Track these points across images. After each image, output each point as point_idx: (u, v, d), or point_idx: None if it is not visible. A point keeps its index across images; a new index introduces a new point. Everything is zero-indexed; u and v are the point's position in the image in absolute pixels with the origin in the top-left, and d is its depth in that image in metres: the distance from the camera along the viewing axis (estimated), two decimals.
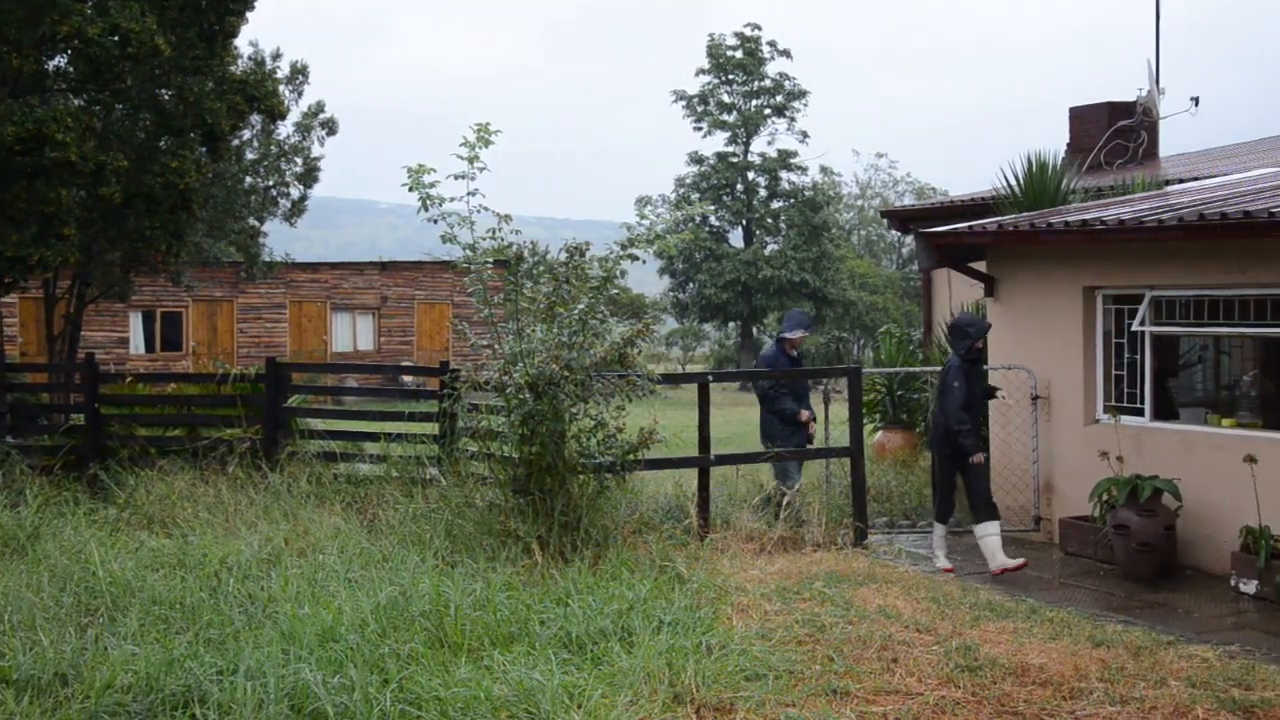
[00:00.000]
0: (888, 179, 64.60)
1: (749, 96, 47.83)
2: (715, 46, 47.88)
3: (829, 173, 55.81)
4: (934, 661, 7.40)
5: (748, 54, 47.51)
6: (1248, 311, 10.79)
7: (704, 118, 47.77)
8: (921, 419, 16.08)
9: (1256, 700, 6.77)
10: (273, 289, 37.89)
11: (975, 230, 12.89)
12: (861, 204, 62.83)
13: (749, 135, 47.74)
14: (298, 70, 28.29)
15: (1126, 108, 19.67)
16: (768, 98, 47.76)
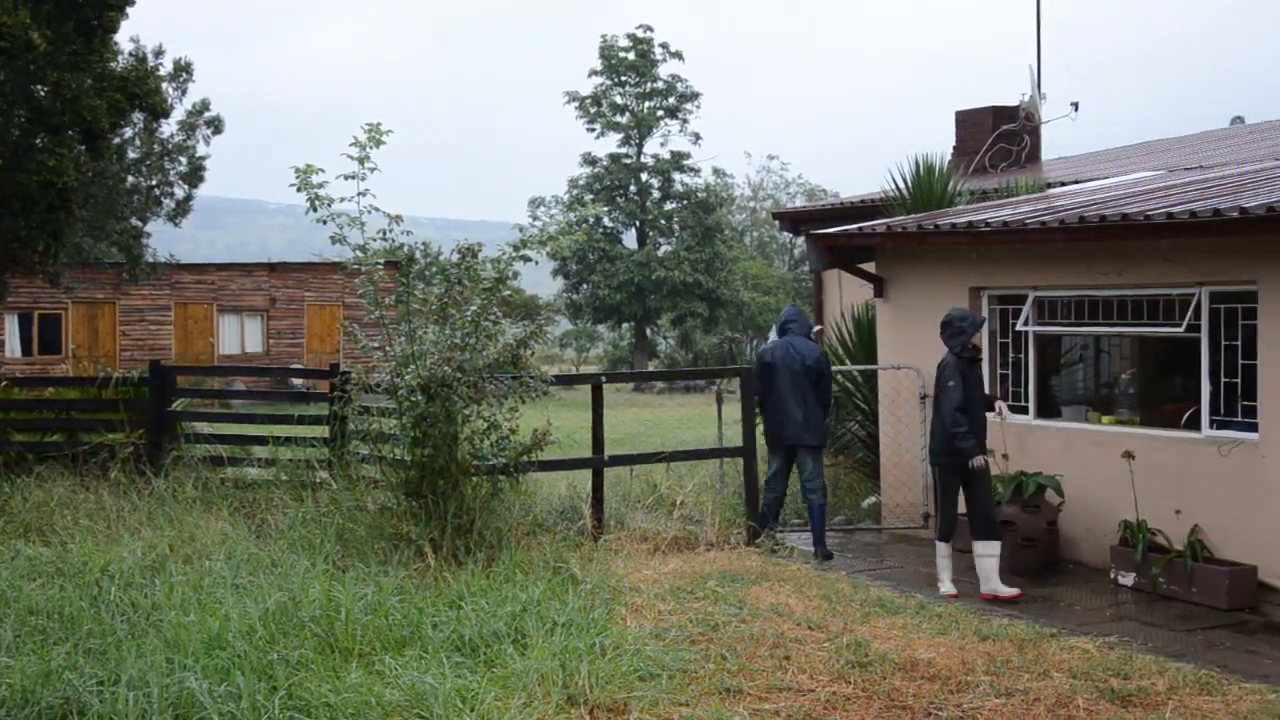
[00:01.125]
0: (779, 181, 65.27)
1: (642, 98, 47.96)
2: (608, 48, 47.94)
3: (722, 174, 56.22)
4: (825, 658, 7.48)
5: (640, 56, 47.65)
6: (1126, 311, 11.08)
7: (597, 119, 47.80)
8: None
9: (1134, 689, 6.95)
10: (157, 291, 37.07)
11: (864, 232, 13.07)
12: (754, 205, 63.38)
13: (642, 137, 47.87)
14: (181, 67, 27.68)
15: (1010, 112, 20.10)
16: (660, 99, 47.94)
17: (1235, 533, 9.92)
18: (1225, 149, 17.01)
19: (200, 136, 28.85)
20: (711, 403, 13.57)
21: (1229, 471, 9.99)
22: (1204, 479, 10.17)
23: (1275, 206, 9.05)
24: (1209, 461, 10.15)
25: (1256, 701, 6.81)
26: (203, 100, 29.09)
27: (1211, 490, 10.10)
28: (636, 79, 47.72)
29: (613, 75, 47.90)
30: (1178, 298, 10.55)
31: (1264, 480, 9.74)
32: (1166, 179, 13.60)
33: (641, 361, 47.55)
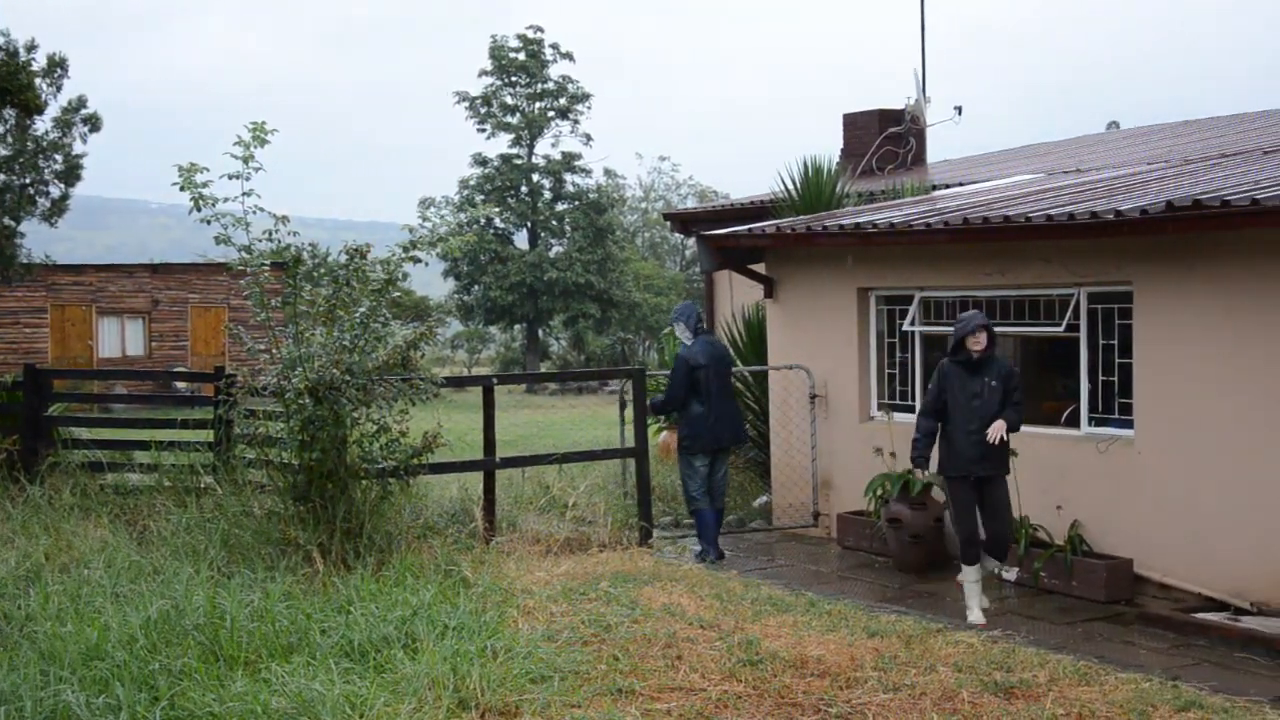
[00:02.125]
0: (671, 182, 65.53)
1: (532, 99, 47.81)
2: (498, 48, 47.70)
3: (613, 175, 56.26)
4: (717, 657, 7.52)
5: (530, 56, 47.50)
6: (1009, 311, 11.32)
7: (487, 119, 47.54)
8: None
9: (1016, 681, 7.10)
10: (32, 292, 35.99)
11: (754, 233, 13.18)
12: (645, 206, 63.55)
13: (533, 137, 47.72)
14: (56, 63, 26.84)
15: (896, 115, 20.40)
16: (551, 100, 47.84)
17: (1113, 527, 10.19)
18: (1102, 153, 17.47)
19: (77, 134, 28.03)
20: (604, 404, 13.61)
21: (1107, 467, 10.26)
22: (1084, 475, 10.42)
23: (1148, 209, 9.31)
24: (1088, 458, 10.41)
25: (1132, 690, 6.99)
26: (79, 97, 28.25)
27: (1091, 486, 10.36)
28: (527, 80, 47.56)
29: (503, 76, 47.67)
30: (1058, 298, 10.80)
31: (1139, 475, 10.02)
32: (1046, 182, 13.93)
33: (533, 363, 47.41)
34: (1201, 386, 9.60)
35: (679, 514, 13.79)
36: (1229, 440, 9.41)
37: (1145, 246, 9.86)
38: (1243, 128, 16.94)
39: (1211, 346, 9.54)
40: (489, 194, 46.05)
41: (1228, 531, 9.44)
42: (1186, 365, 9.69)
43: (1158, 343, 9.92)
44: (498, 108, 47.67)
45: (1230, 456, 9.42)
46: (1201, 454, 9.58)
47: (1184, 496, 9.68)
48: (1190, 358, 9.67)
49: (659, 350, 19.40)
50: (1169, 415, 9.81)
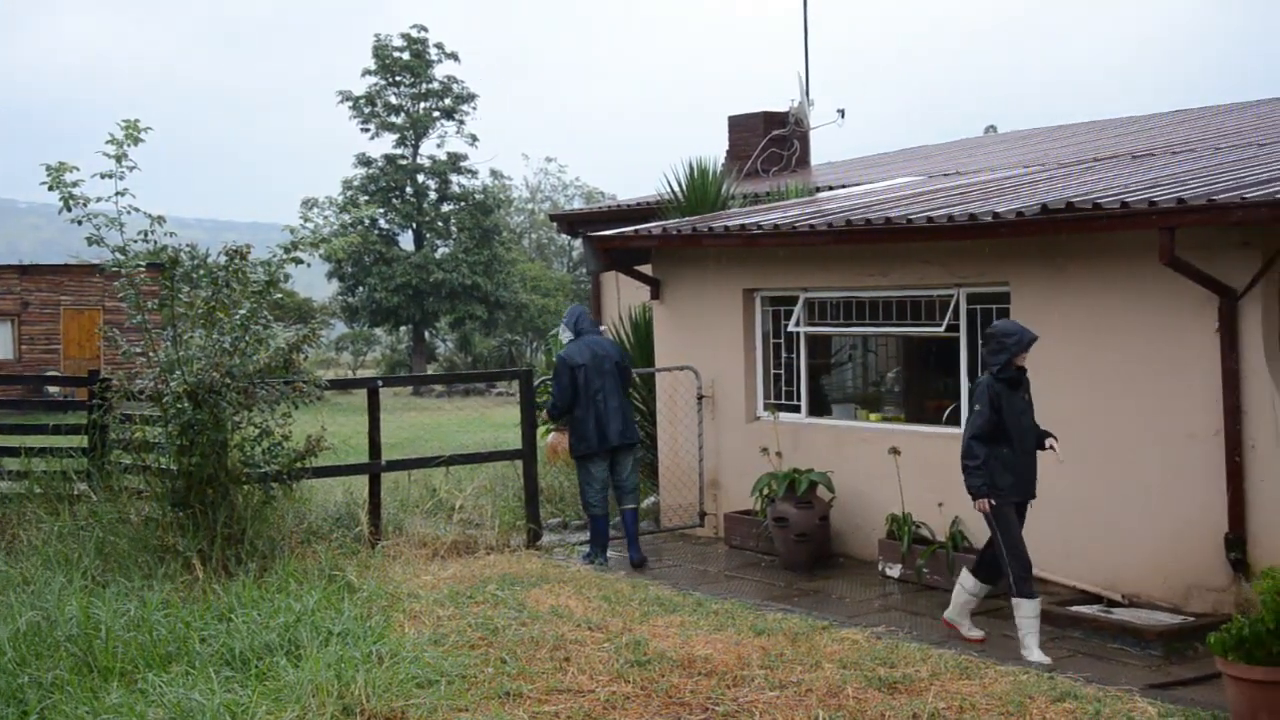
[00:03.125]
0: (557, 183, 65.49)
1: (417, 99, 47.40)
2: (381, 48, 47.20)
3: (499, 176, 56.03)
4: (605, 658, 7.52)
5: (415, 56, 47.09)
6: (891, 312, 11.50)
7: (371, 119, 47.03)
8: None
9: (899, 677, 7.21)
10: None
11: (640, 234, 13.21)
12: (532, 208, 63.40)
13: (418, 138, 47.31)
14: None
15: (780, 117, 20.61)
16: (436, 100, 47.48)
17: None
18: (980, 156, 17.84)
19: None
20: (492, 406, 13.54)
21: None
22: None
23: (1024, 212, 9.53)
24: None
25: (1010, 683, 7.15)
26: None
27: None
28: (412, 79, 47.13)
29: (387, 75, 47.18)
30: (938, 299, 11.00)
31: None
32: (927, 184, 14.18)
33: (420, 365, 47.00)
34: (1073, 384, 9.85)
35: (567, 516, 13.77)
36: (1100, 436, 9.67)
37: (1021, 248, 10.09)
38: (1112, 133, 17.43)
39: (1081, 345, 9.79)
40: (373, 194, 45.54)
41: (1101, 526, 9.70)
42: (1059, 363, 9.93)
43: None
44: (382, 107, 47.18)
45: (1101, 451, 9.68)
46: (1075, 450, 9.82)
47: (1059, 492, 9.91)
48: (1062, 356, 9.91)
49: (546, 352, 19.35)
50: (1044, 412, 10.03)
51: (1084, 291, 9.76)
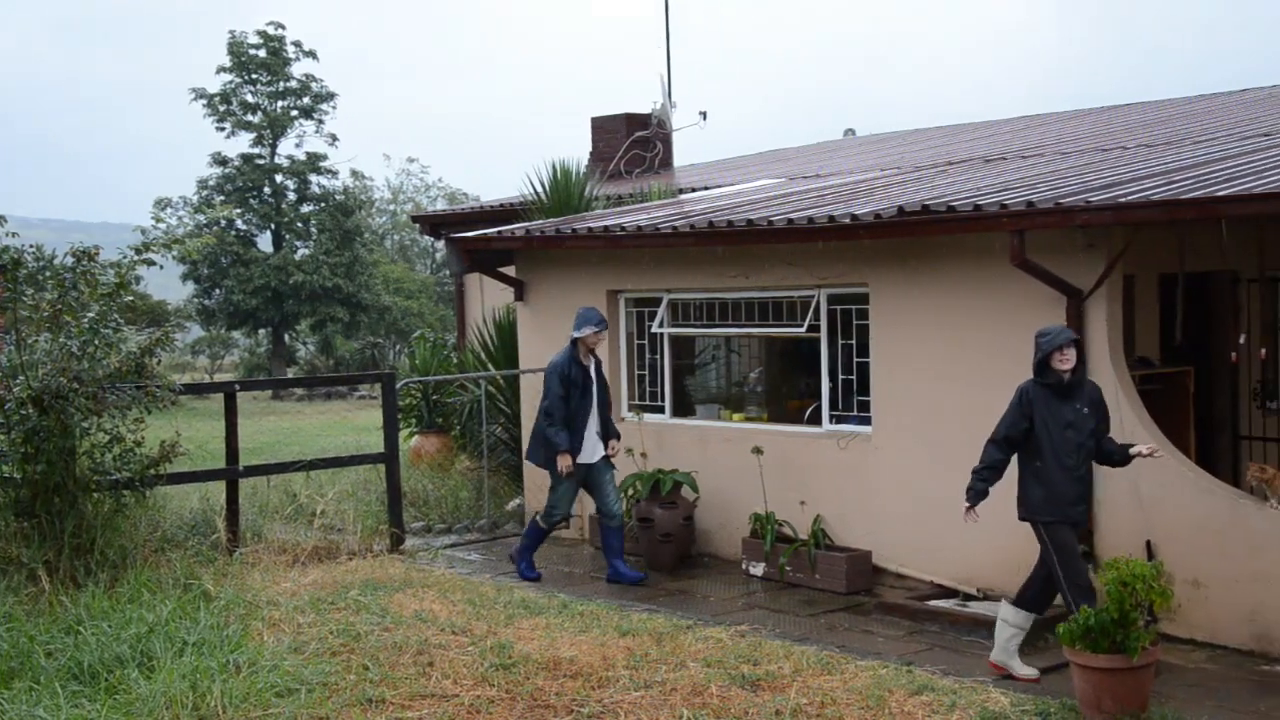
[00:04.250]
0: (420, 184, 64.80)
1: (274, 97, 46.49)
2: (236, 44, 46.15)
3: (360, 177, 55.26)
4: (469, 662, 7.46)
5: (272, 53, 46.16)
6: (754, 313, 11.63)
7: (227, 118, 45.95)
8: (457, 423, 16.20)
9: (762, 674, 7.29)
10: None
11: (504, 236, 13.14)
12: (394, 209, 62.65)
13: (276, 137, 46.39)
14: None
15: (643, 119, 20.69)
16: (294, 99, 46.62)
17: (853, 520, 10.59)
18: (840, 159, 18.14)
19: None
20: (354, 409, 13.34)
21: (847, 463, 10.65)
22: (825, 471, 10.79)
23: (881, 214, 9.71)
24: (829, 454, 10.78)
25: (870, 677, 7.28)
26: None
27: (832, 481, 10.74)
28: (269, 77, 46.19)
29: (242, 73, 46.15)
30: (799, 299, 11.15)
31: (877, 470, 10.44)
32: (788, 186, 14.37)
33: (280, 368, 46.08)
34: (929, 383, 10.07)
35: (431, 519, 13.64)
36: (954, 433, 9.90)
37: (879, 249, 10.28)
38: (966, 137, 17.87)
39: (937, 344, 10.02)
40: (229, 195, 44.50)
41: (957, 522, 9.91)
42: (916, 363, 10.15)
43: (891, 342, 10.36)
44: (238, 106, 46.14)
45: (956, 449, 9.90)
46: (931, 448, 10.05)
47: (917, 489, 10.14)
48: (918, 355, 10.13)
49: (409, 355, 19.14)
50: (902, 411, 10.25)
51: (940, 291, 9.99)
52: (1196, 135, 12.89)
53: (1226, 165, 9.79)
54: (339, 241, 45.80)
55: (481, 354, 15.20)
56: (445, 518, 13.66)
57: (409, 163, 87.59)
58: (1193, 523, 8.58)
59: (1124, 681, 6.69)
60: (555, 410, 10.67)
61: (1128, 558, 7.03)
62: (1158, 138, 13.29)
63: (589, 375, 10.83)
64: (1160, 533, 8.73)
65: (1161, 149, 12.14)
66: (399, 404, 13.09)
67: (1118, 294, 9.27)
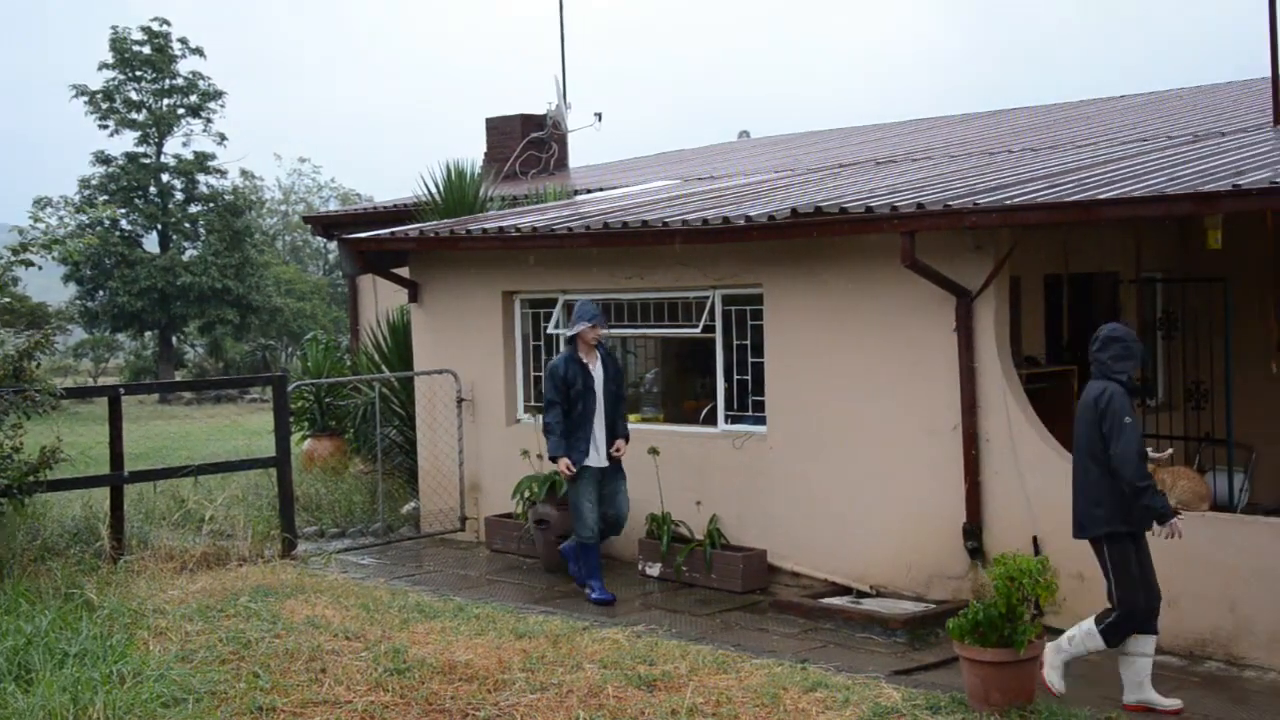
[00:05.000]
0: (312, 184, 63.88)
1: (160, 95, 45.47)
2: (119, 40, 45.03)
3: (250, 177, 54.28)
4: (363, 668, 7.37)
5: (156, 50, 45.14)
6: (649, 313, 11.65)
7: (110, 115, 44.84)
8: (351, 426, 16.00)
9: (659, 674, 7.30)
10: None
11: (397, 236, 13.01)
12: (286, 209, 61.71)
13: (161, 135, 45.38)
14: None
15: (538, 120, 20.64)
16: (180, 97, 45.65)
17: (748, 520, 10.66)
18: (734, 160, 18.26)
19: None
20: (245, 412, 13.10)
21: (742, 462, 10.72)
22: (721, 471, 10.85)
23: (775, 215, 9.79)
24: (725, 454, 10.84)
25: (765, 675, 7.33)
26: None
27: (728, 481, 10.80)
28: (154, 75, 45.17)
29: (126, 70, 45.05)
30: (694, 300, 11.20)
31: (771, 469, 10.52)
32: (683, 188, 14.43)
33: (167, 371, 45.09)
34: (822, 382, 10.18)
35: (324, 524, 13.45)
36: (847, 432, 10.02)
37: (773, 250, 10.36)
38: (858, 140, 18.11)
39: (830, 344, 10.13)
40: (113, 194, 43.42)
41: (850, 520, 10.05)
42: (809, 362, 10.25)
43: (785, 342, 10.45)
44: (121, 103, 45.05)
45: (849, 448, 10.03)
46: (825, 447, 10.16)
47: (811, 488, 10.24)
48: (812, 355, 10.23)
49: (301, 357, 18.86)
50: (796, 410, 10.35)
51: (833, 292, 10.10)
52: (1079, 140, 13.21)
53: (1107, 169, 10.04)
54: (229, 242, 44.94)
55: (375, 356, 15.04)
56: (339, 522, 13.48)
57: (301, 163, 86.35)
58: None
59: (1011, 674, 6.82)
60: (549, 414, 10.11)
61: (1015, 553, 7.16)
62: (1042, 142, 13.60)
63: (590, 374, 10.19)
64: (1046, 528, 8.92)
65: (1046, 153, 12.42)
66: (291, 407, 12.86)
67: (1005, 294, 9.45)
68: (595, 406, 10.17)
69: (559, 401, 10.10)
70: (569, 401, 10.11)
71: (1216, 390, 11.34)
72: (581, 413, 10.12)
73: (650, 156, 22.46)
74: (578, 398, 10.12)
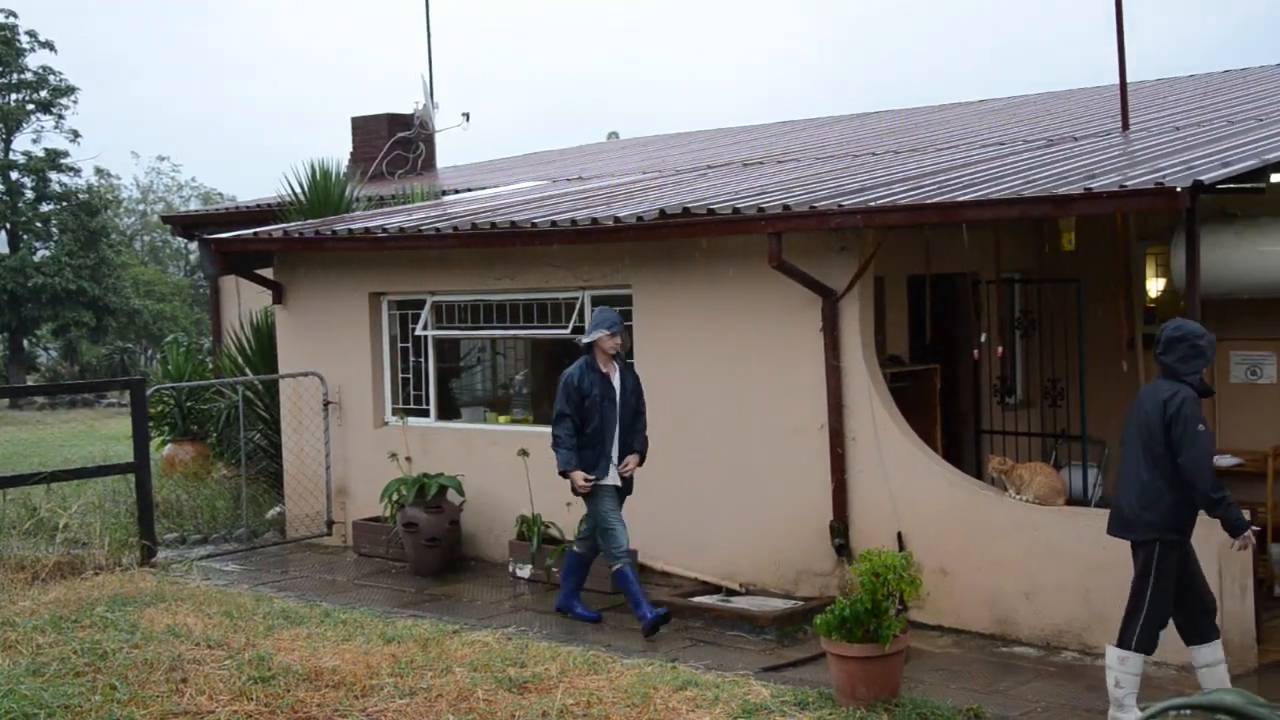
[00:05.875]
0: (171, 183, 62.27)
1: (8, 90, 43.93)
2: None
3: (106, 175, 52.74)
4: (226, 677, 7.20)
5: (3, 43, 43.60)
6: (519, 315, 11.60)
7: None
8: (214, 430, 15.65)
9: (529, 676, 7.27)
10: None
11: (261, 237, 12.76)
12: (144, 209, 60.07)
13: (10, 132, 43.84)
14: None
15: (405, 120, 20.41)
16: (30, 92, 44.16)
17: None
18: (603, 161, 18.28)
19: None
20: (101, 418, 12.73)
21: None
22: None
23: (644, 216, 9.83)
24: None
25: (636, 675, 7.35)
26: None
27: None
28: (1, 69, 43.63)
29: None
30: (564, 301, 11.18)
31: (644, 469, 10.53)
32: (552, 188, 14.41)
33: (19, 376, 43.55)
34: (691, 382, 10.24)
35: (185, 530, 13.12)
36: (717, 431, 10.10)
37: (642, 251, 10.40)
38: (725, 141, 18.27)
39: (700, 344, 10.20)
40: None
41: (720, 518, 10.13)
42: (678, 362, 10.31)
43: (654, 342, 10.49)
44: None
45: (719, 447, 10.11)
46: (694, 446, 10.22)
47: (681, 488, 10.29)
48: (681, 355, 10.29)
49: (162, 360, 18.39)
50: (666, 410, 10.38)
51: (702, 293, 10.17)
52: (940, 143, 13.50)
53: (967, 171, 10.28)
54: (83, 242, 43.59)
55: (239, 358, 14.74)
56: (201, 528, 13.17)
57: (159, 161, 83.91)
58: (940, 514, 8.97)
59: (877, 669, 6.94)
60: (561, 426, 9.26)
61: (880, 549, 7.29)
62: (905, 145, 13.86)
63: (610, 385, 9.41)
64: (910, 524, 9.10)
65: (908, 155, 12.67)
66: (150, 411, 12.50)
67: (869, 295, 9.62)
68: (615, 420, 9.38)
69: (571, 414, 9.25)
70: (582, 414, 9.29)
71: (1072, 388, 11.68)
72: (598, 426, 9.29)
73: (519, 157, 22.37)
74: (594, 410, 9.28)
